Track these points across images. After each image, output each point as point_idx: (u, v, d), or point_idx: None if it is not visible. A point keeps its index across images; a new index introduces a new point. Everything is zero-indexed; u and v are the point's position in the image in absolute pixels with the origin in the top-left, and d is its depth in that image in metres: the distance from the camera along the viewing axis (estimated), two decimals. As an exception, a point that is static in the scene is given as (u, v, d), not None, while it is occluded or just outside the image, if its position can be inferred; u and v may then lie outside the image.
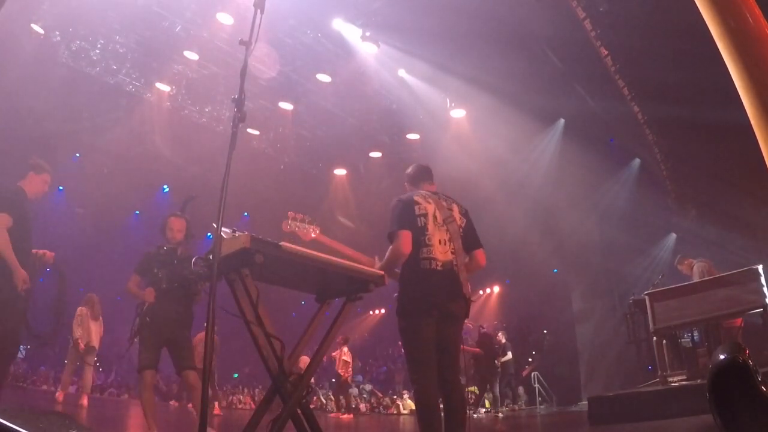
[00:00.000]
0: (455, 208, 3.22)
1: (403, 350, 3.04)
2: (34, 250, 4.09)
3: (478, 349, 11.21)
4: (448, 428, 2.92)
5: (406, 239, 2.97)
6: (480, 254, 3.23)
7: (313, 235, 3.18)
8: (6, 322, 3.78)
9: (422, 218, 3.05)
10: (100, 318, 8.71)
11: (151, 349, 4.17)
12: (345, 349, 12.04)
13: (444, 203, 3.19)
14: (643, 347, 8.50)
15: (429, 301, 2.95)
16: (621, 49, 8.45)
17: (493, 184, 11.81)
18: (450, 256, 3.03)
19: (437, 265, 2.98)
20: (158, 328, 4.17)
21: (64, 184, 14.72)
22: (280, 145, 12.99)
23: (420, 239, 3.01)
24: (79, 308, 8.38)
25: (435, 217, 3.08)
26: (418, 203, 3.10)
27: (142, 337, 4.19)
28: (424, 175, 3.40)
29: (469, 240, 3.20)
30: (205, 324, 2.19)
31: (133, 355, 4.42)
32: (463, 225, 3.19)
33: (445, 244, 3.05)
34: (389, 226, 3.06)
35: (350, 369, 12.58)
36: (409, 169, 3.46)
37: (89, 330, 8.29)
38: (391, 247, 3.03)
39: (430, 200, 3.15)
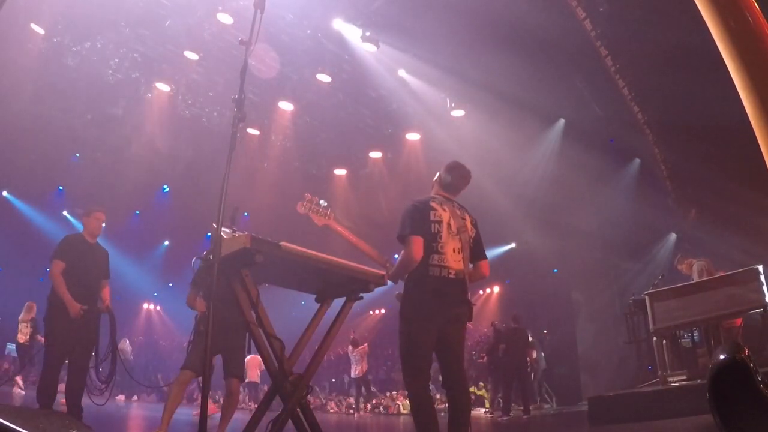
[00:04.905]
0: (468, 218, 3.23)
1: (399, 351, 3.03)
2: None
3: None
4: (452, 427, 2.92)
5: (417, 245, 2.95)
6: (485, 265, 3.27)
7: (325, 221, 3.17)
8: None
9: (437, 225, 3.04)
10: None
11: (201, 355, 4.21)
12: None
13: (458, 212, 3.19)
14: (643, 347, 8.49)
15: (435, 307, 2.94)
16: (621, 49, 8.46)
17: (493, 184, 11.79)
18: (462, 265, 3.06)
19: (450, 273, 2.99)
20: (212, 336, 4.19)
21: (64, 184, 14.74)
22: (280, 145, 12.99)
23: (432, 245, 2.99)
24: None
25: (449, 225, 3.07)
26: (434, 209, 3.08)
27: (196, 342, 4.28)
28: (458, 185, 3.26)
29: (477, 251, 3.22)
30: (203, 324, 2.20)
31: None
32: (473, 236, 3.21)
33: (458, 252, 3.06)
34: (401, 228, 3.03)
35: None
36: (446, 174, 3.28)
37: None
38: (403, 252, 3.01)
39: (446, 207, 3.13)
